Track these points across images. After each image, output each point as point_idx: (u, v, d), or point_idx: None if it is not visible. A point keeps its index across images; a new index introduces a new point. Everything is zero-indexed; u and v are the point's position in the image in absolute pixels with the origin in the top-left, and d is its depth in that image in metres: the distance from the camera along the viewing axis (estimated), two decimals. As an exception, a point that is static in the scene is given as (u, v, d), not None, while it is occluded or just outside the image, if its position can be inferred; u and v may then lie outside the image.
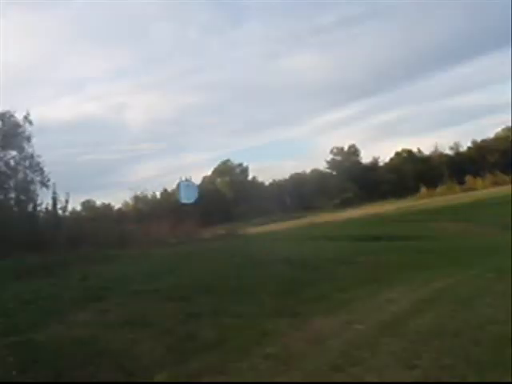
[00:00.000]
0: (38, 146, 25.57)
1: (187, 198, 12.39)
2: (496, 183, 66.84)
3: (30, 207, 23.72)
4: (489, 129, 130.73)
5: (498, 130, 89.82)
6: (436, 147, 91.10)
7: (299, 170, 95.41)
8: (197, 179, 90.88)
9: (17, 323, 7.95)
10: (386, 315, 8.05)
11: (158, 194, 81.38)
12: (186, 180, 12.13)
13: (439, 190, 71.97)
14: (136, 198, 73.75)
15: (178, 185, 11.74)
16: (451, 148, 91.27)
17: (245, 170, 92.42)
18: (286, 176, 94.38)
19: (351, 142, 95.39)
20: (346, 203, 75.97)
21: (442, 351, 6.09)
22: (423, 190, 73.23)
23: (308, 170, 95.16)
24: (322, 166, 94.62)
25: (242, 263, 13.98)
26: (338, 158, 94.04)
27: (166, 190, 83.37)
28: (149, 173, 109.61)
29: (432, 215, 33.55)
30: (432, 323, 7.43)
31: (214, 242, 22.99)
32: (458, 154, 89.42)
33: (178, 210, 61.60)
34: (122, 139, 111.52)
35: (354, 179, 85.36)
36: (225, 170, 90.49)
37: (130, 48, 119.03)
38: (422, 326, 7.29)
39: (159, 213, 54.07)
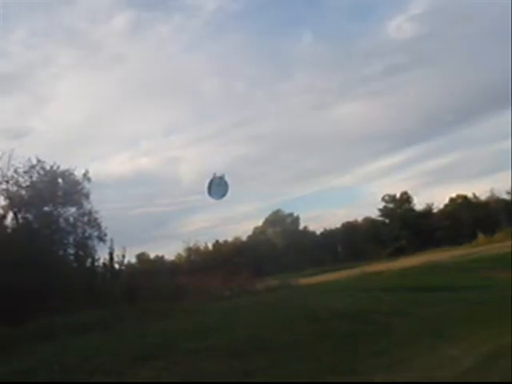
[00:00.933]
0: (96, 201, 26.46)
1: (218, 195, 12.35)
2: (558, 228, 64.04)
3: (89, 262, 24.43)
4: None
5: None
6: (492, 192, 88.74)
7: (351, 219, 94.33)
8: (248, 230, 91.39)
9: (78, 381, 8.12)
10: (449, 373, 7.77)
11: (210, 246, 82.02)
12: (220, 178, 12.17)
13: (497, 236, 69.44)
14: (189, 250, 74.54)
15: (210, 182, 11.74)
16: (508, 192, 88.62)
17: (296, 220, 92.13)
18: (338, 225, 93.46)
19: (403, 189, 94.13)
20: (399, 251, 74.17)
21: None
22: (480, 236, 70.87)
23: (360, 219, 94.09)
24: (374, 213, 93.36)
25: (296, 317, 13.84)
26: (391, 205, 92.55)
27: (217, 242, 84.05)
28: (201, 224, 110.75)
29: (491, 263, 32.38)
30: (498, 382, 7.12)
31: (267, 294, 22.88)
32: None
33: (230, 260, 61.97)
34: (174, 192, 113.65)
35: (408, 227, 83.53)
36: (276, 219, 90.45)
37: (180, 103, 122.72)
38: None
39: (212, 264, 54.50)
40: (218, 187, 12.70)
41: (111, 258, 24.23)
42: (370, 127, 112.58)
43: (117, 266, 24.59)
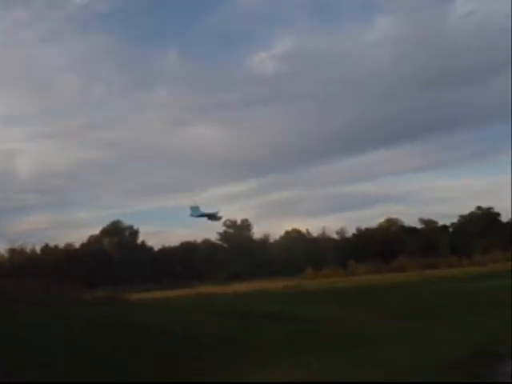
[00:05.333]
0: None
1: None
2: (377, 270, 70.13)
3: None
4: (373, 218, 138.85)
5: (382, 220, 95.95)
6: (324, 230, 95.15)
7: (191, 239, 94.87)
8: (83, 237, 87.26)
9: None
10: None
11: (38, 249, 76.69)
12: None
13: (324, 271, 74.18)
14: (12, 251, 68.63)
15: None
16: (337, 233, 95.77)
17: (134, 233, 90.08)
18: (177, 243, 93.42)
19: (244, 216, 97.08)
20: (235, 276, 75.80)
21: None
22: (309, 270, 75.18)
23: (199, 240, 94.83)
24: (214, 237, 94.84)
25: (119, 333, 13.32)
26: (231, 230, 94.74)
27: (47, 246, 79.02)
28: (31, 225, 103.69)
29: (317, 297, 34.27)
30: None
31: (94, 305, 21.76)
32: (344, 239, 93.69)
33: (59, 267, 58.38)
34: (6, 188, 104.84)
35: (245, 253, 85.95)
36: (114, 230, 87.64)
37: (30, 95, 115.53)
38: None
39: (38, 269, 50.78)
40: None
41: None
42: (221, 152, 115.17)
43: None
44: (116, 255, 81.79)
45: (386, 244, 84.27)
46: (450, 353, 11.21)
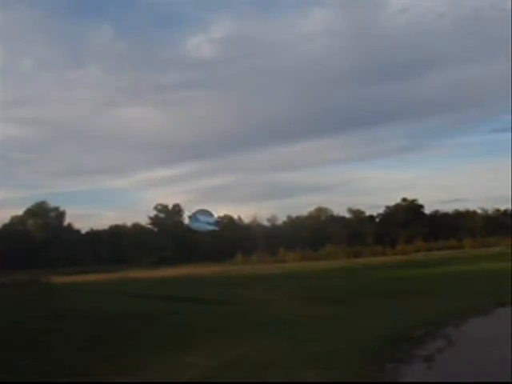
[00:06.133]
0: None
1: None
2: (305, 258, 71.61)
3: None
4: (304, 206, 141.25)
5: (312, 209, 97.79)
6: (255, 217, 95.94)
7: (120, 222, 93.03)
8: (5, 218, 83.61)
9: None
10: (181, 380, 7.87)
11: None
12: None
13: (254, 258, 74.95)
14: None
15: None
16: (268, 220, 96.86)
17: (61, 215, 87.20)
18: (106, 226, 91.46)
19: (176, 201, 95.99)
20: (163, 261, 75.08)
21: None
22: (238, 256, 75.76)
23: (129, 223, 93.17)
24: (144, 221, 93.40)
25: (36, 315, 12.88)
26: (162, 215, 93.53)
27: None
28: None
29: (244, 283, 34.56)
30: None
31: (13, 288, 20.96)
32: (274, 227, 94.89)
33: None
34: None
35: (175, 238, 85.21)
36: (39, 211, 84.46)
37: None
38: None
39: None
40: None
41: None
42: (153, 135, 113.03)
43: None
44: (40, 237, 78.98)
45: (315, 232, 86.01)
46: (369, 337, 11.55)
